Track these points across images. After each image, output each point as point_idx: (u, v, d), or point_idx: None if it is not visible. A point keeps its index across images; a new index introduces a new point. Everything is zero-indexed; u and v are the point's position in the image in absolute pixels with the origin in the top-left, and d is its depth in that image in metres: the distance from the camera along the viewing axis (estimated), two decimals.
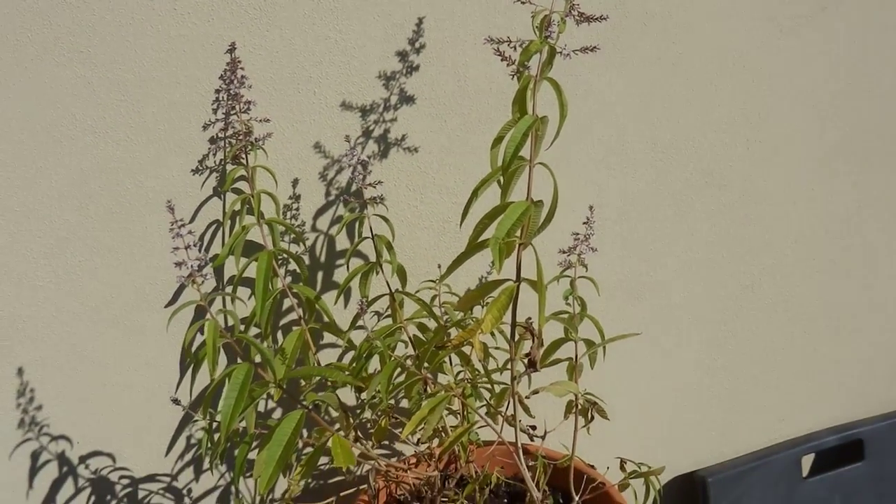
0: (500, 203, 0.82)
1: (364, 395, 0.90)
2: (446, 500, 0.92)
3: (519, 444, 0.87)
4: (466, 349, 0.97)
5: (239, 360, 0.89)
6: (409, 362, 0.90)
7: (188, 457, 1.10)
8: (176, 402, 0.97)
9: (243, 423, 0.90)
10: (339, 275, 1.06)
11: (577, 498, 0.91)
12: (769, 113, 1.23)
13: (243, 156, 0.96)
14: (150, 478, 1.10)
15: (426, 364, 0.89)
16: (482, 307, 0.97)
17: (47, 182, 0.92)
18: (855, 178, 1.33)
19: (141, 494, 1.10)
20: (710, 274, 1.29)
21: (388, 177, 1.03)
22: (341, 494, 0.96)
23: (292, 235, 1.01)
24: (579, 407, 0.92)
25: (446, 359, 0.94)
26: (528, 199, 0.81)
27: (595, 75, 1.09)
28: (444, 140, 1.05)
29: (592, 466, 0.96)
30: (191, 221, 0.98)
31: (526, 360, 0.88)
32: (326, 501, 0.92)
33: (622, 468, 0.95)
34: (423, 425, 0.83)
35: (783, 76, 1.21)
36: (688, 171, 1.20)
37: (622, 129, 1.14)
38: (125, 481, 1.09)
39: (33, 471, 1.05)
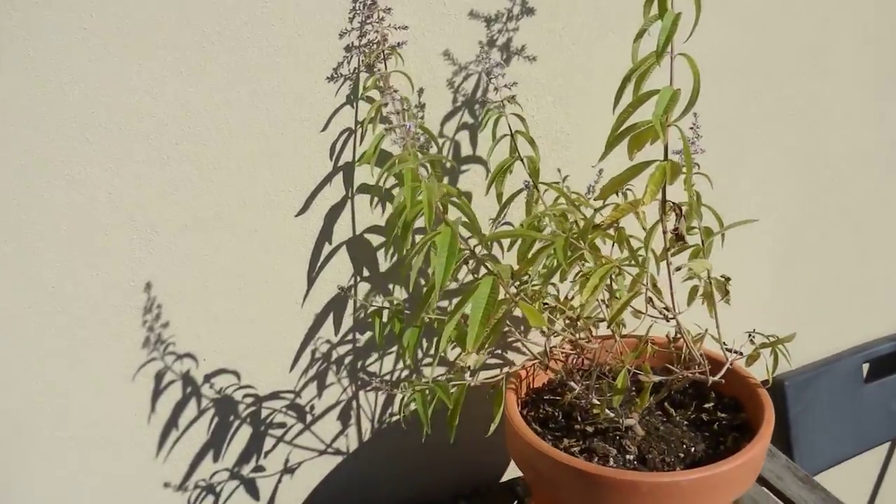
0: (641, 93, 0.87)
1: (531, 271, 0.93)
2: (601, 378, 0.96)
3: (675, 306, 0.92)
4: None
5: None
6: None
7: (312, 372, 1.11)
8: (342, 290, 0.99)
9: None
10: (462, 180, 1.10)
11: (729, 359, 0.95)
12: (831, 41, 1.31)
13: (378, 63, 0.99)
14: (274, 395, 1.11)
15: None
16: (621, 194, 1.01)
17: (173, 90, 0.93)
18: None
19: (264, 413, 1.11)
20: (780, 190, 1.37)
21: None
22: (508, 370, 0.99)
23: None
24: (713, 283, 0.97)
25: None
26: (671, 86, 0.87)
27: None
28: (558, 53, 1.09)
29: (725, 343, 1.01)
30: (324, 129, 1.01)
31: (675, 234, 0.93)
32: (496, 376, 0.93)
33: (751, 341, 1.00)
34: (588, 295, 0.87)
35: (840, 8, 1.31)
36: (761, 92, 1.28)
37: (707, 52, 1.20)
38: (248, 399, 1.10)
39: (156, 393, 1.05)
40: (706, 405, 1.03)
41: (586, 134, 1.15)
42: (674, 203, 0.91)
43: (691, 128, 1.01)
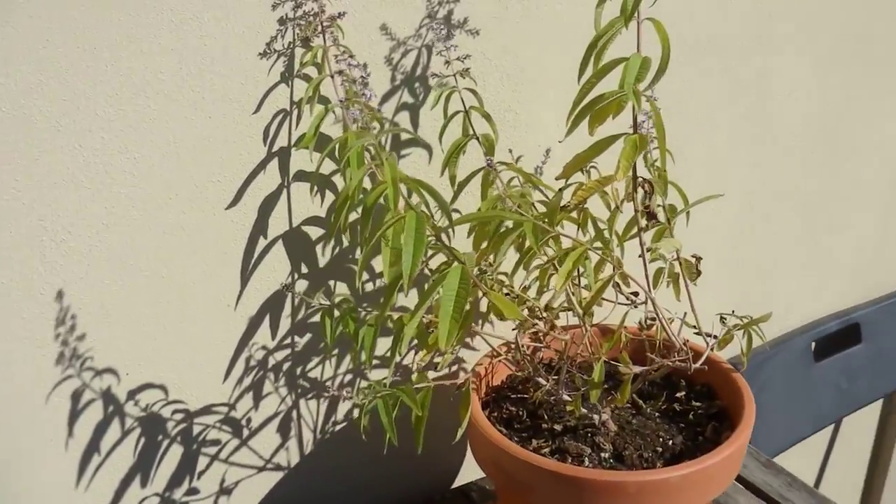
0: (607, 61, 0.80)
1: (495, 258, 0.85)
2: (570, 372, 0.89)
3: (650, 289, 0.85)
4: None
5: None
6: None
7: (247, 381, 1.00)
8: (284, 286, 0.88)
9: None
10: (403, 165, 1.01)
11: (709, 344, 0.89)
12: (778, 14, 1.28)
13: (315, 37, 0.90)
14: (206, 409, 1.00)
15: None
16: (584, 173, 0.95)
17: (85, 67, 0.82)
18: (843, 78, 1.40)
19: (196, 430, 1.00)
20: (728, 168, 1.32)
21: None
22: (470, 369, 0.90)
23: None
24: (682, 264, 0.91)
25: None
26: (639, 52, 0.80)
27: None
28: (504, 26, 1.02)
29: (700, 327, 0.95)
30: (256, 111, 0.91)
31: (646, 212, 0.86)
32: (447, 376, 0.85)
33: (723, 323, 0.94)
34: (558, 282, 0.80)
35: None
36: (713, 66, 1.23)
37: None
38: (178, 416, 0.98)
39: (74, 415, 0.93)
40: (677, 394, 0.98)
41: (536, 112, 1.07)
42: (644, 178, 0.85)
43: (647, 100, 0.95)
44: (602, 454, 0.88)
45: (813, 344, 1.48)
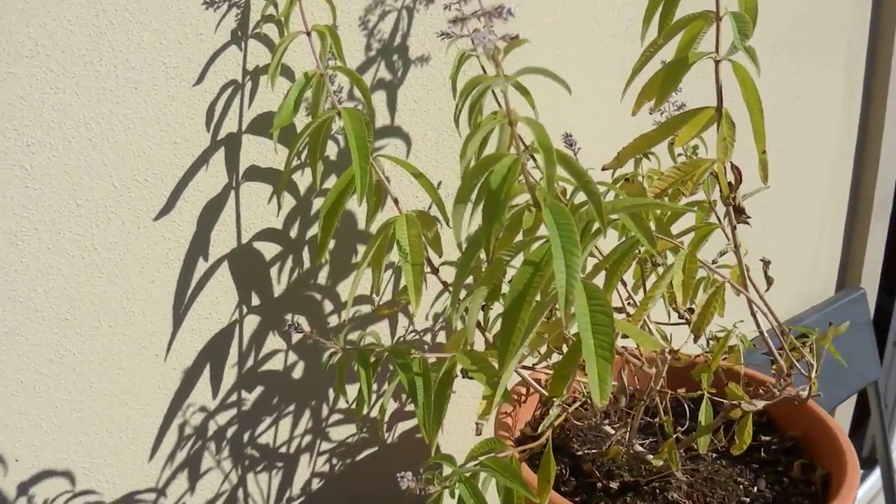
0: (683, 17, 0.63)
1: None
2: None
3: (755, 299, 0.67)
4: None
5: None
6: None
7: (180, 456, 0.74)
8: (293, 326, 0.62)
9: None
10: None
11: (815, 369, 0.71)
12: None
13: None
14: (127, 499, 0.72)
15: None
16: (642, 159, 0.76)
17: None
18: (796, 67, 1.30)
19: None
20: None
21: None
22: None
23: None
24: (746, 269, 0.74)
25: None
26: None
27: None
28: None
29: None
30: (198, 82, 0.65)
31: (733, 207, 0.68)
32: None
33: (782, 337, 0.78)
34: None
35: None
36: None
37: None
38: None
39: None
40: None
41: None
42: (734, 165, 0.67)
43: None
44: None
45: None
